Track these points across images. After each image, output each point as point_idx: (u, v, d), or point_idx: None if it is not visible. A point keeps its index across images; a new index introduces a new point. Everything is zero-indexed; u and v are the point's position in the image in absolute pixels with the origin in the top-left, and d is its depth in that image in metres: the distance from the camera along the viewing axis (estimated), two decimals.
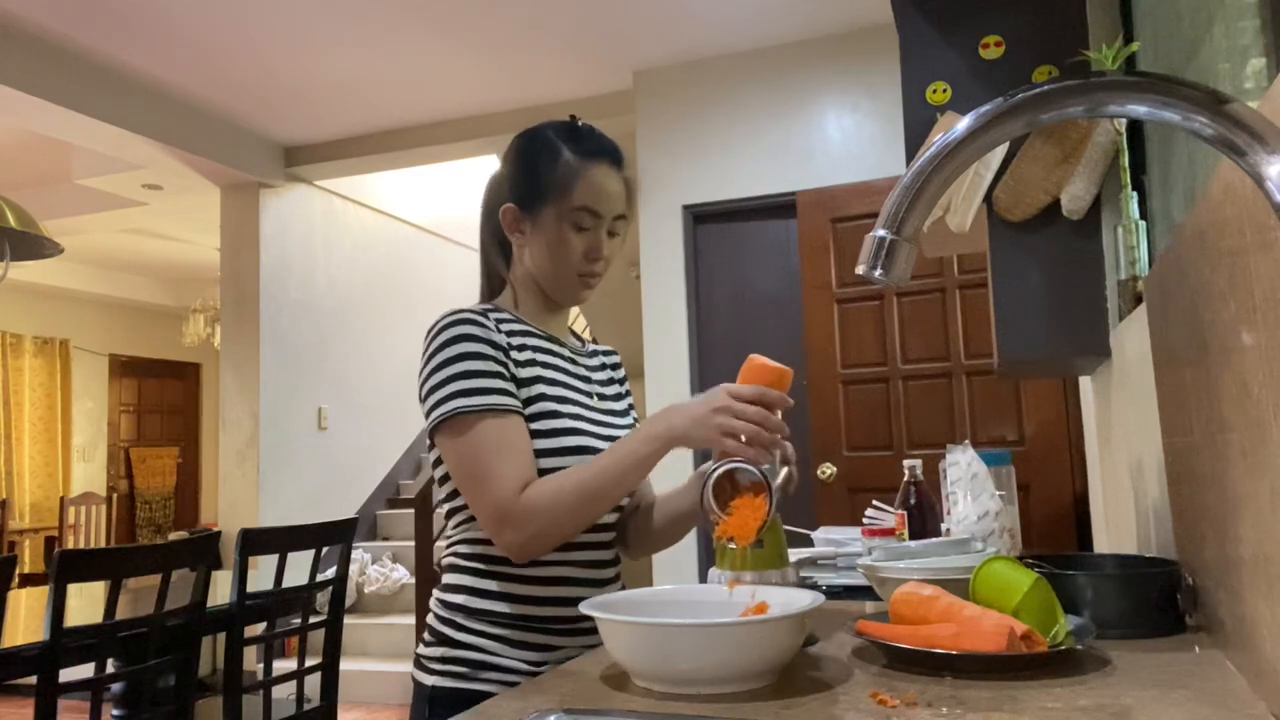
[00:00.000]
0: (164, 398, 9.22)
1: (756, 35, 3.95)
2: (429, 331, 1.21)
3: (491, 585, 1.20)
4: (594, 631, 1.21)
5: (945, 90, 1.83)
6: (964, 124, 0.64)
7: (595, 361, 1.39)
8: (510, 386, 1.18)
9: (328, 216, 5.62)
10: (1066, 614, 0.95)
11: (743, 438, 1.05)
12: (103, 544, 7.20)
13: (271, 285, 5.13)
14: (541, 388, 1.22)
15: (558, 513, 1.12)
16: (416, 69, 4.21)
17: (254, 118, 4.75)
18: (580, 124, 1.29)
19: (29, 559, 7.28)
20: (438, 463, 1.22)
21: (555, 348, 1.30)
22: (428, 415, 1.17)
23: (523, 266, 1.30)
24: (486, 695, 1.15)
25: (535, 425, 1.19)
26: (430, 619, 1.24)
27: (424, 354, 1.20)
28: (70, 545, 6.81)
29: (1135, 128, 1.66)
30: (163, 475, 9.06)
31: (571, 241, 1.24)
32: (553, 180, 1.24)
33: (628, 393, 1.44)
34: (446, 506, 1.25)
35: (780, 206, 3.95)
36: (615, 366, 1.45)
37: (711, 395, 1.09)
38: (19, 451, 7.69)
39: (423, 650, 1.23)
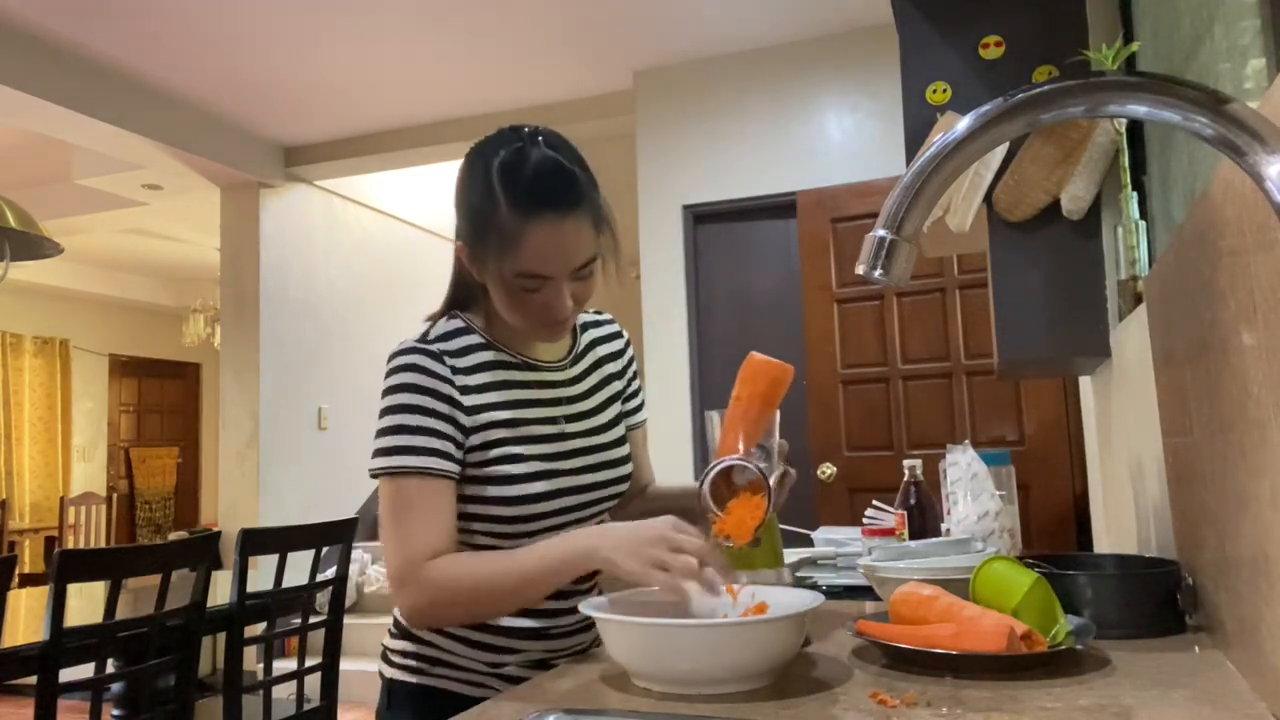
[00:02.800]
0: (164, 398, 9.22)
1: (756, 35, 3.94)
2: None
3: None
4: (561, 635, 1.21)
5: (945, 90, 1.83)
6: (964, 124, 0.64)
7: (581, 367, 1.27)
8: (447, 445, 1.11)
9: (328, 217, 5.62)
10: (1066, 614, 0.95)
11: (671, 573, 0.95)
12: (103, 544, 7.19)
13: (271, 285, 5.13)
14: (501, 432, 1.14)
15: (454, 593, 1.07)
16: (416, 69, 4.21)
17: (254, 118, 4.75)
18: (527, 155, 1.08)
19: (29, 559, 7.28)
20: None
21: (525, 375, 1.20)
22: (372, 454, 1.13)
23: None
24: (439, 690, 1.17)
25: (498, 469, 1.13)
26: (396, 612, 1.23)
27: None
28: (70, 545, 6.81)
29: (1135, 128, 1.66)
30: (163, 475, 9.06)
31: (522, 300, 1.12)
32: (491, 239, 1.08)
33: (630, 371, 1.35)
34: None
35: (780, 206, 3.95)
36: (614, 355, 1.33)
37: (652, 525, 1.00)
38: (19, 451, 7.70)
39: (387, 642, 1.24)
